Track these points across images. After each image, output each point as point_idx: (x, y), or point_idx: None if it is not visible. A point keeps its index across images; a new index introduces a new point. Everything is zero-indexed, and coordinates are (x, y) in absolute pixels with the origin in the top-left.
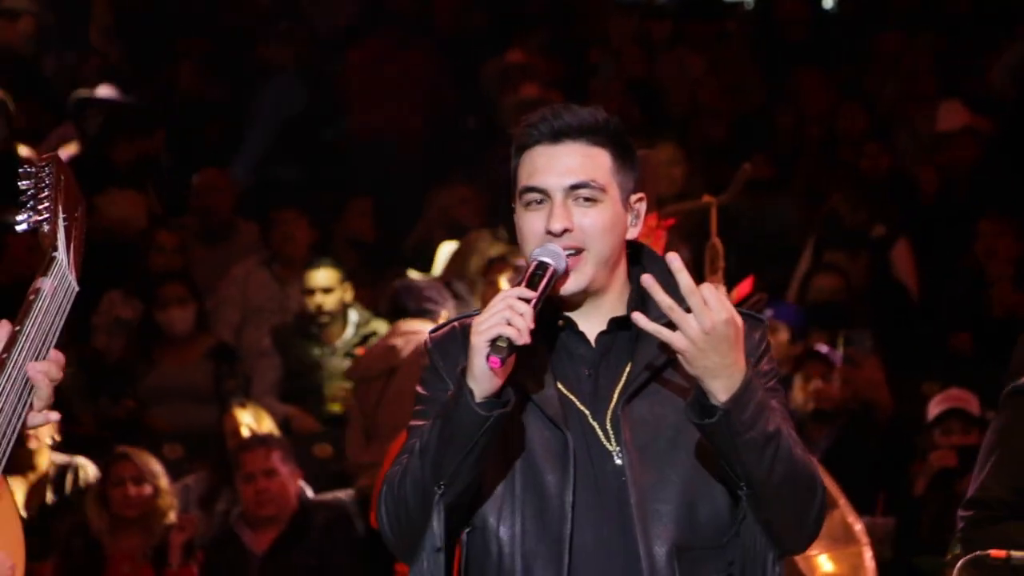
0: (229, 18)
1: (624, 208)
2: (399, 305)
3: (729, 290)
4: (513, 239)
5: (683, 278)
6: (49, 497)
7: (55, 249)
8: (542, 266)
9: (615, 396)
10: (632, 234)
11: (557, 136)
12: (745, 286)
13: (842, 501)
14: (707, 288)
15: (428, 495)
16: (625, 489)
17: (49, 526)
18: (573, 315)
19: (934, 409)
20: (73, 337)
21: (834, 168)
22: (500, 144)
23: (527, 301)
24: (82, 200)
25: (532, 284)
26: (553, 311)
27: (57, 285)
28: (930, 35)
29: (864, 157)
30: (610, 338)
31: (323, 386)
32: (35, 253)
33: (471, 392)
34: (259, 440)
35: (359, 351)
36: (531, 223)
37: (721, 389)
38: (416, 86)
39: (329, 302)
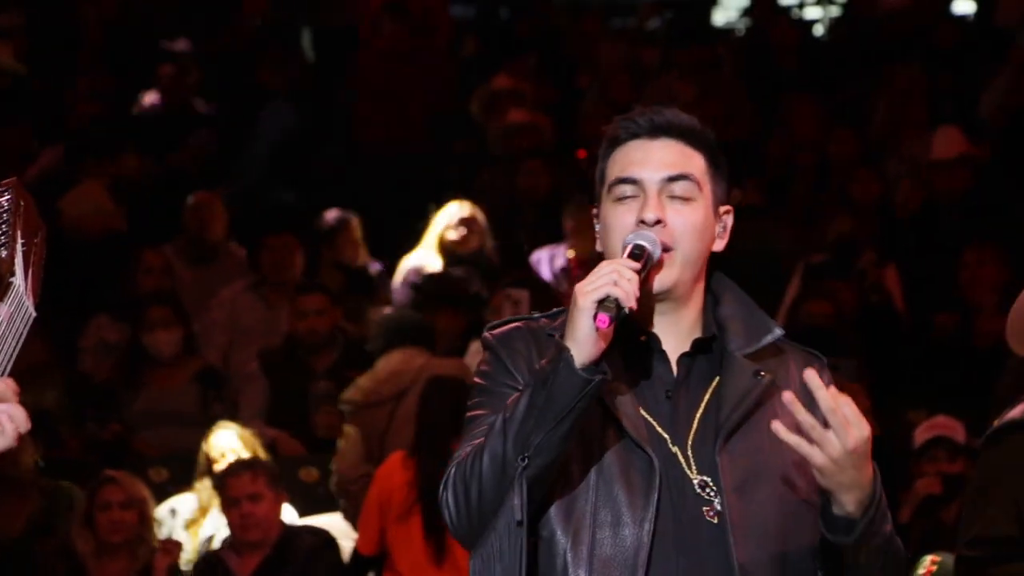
0: (222, 41)
1: (714, 215)
2: (397, 333)
3: None
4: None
5: (822, 395)
6: (34, 520)
7: (12, 275)
8: (639, 247)
9: (695, 422)
10: (719, 246)
11: (655, 131)
12: None
13: None
14: (845, 403)
15: (509, 469)
16: (719, 530)
17: (33, 549)
18: (655, 331)
19: (920, 437)
20: (60, 360)
21: (825, 195)
22: (488, 168)
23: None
24: (42, 226)
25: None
26: (630, 328)
27: (13, 311)
28: (920, 63)
29: (855, 184)
30: (690, 360)
31: (310, 410)
32: None
33: (570, 356)
34: (245, 464)
35: (352, 375)
36: (621, 216)
37: (852, 502)
38: (412, 109)
39: (321, 325)
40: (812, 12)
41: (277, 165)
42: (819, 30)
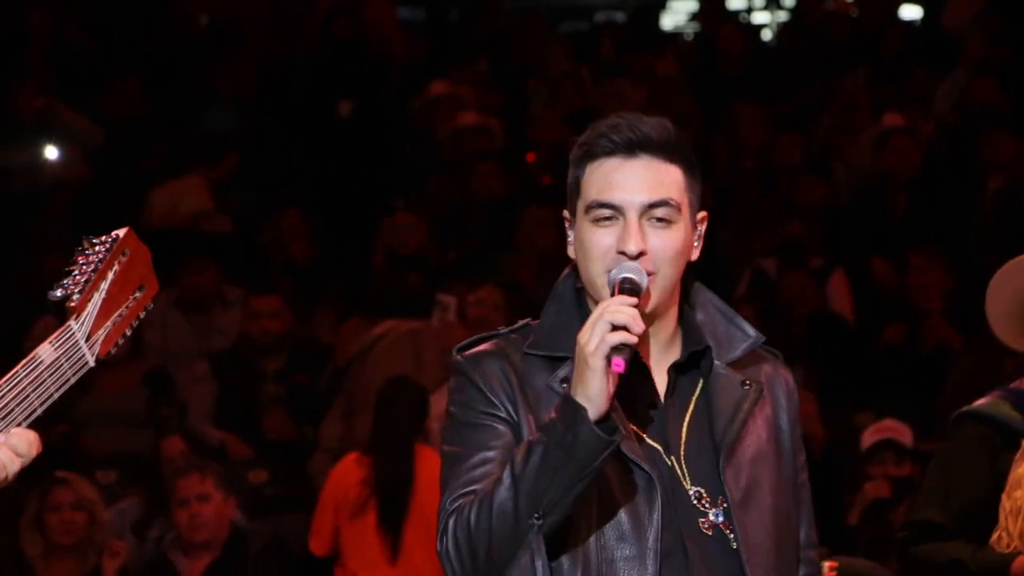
0: (166, 42)
1: (692, 227)
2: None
3: None
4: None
5: None
6: None
7: (76, 319)
8: (629, 282)
9: (684, 432)
10: (695, 255)
11: (633, 149)
12: None
13: None
14: None
15: (521, 526)
16: (721, 544)
17: None
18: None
19: (867, 440)
20: (4, 361)
21: (771, 199)
22: (438, 171)
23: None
24: (152, 281)
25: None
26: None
27: (61, 356)
28: (866, 68)
29: (800, 189)
30: (674, 371)
31: (259, 413)
32: None
33: (587, 415)
34: (193, 465)
35: (302, 379)
36: (599, 239)
37: None
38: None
39: (274, 327)
40: (760, 17)
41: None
42: (767, 35)
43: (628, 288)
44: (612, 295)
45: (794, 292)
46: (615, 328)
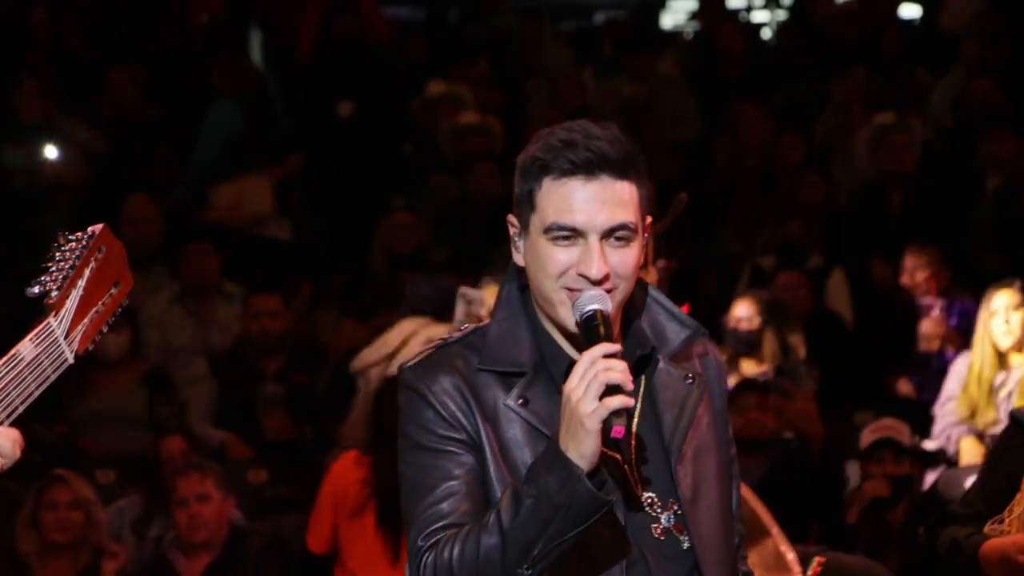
0: (167, 42)
1: (643, 237)
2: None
3: None
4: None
5: None
6: None
7: (55, 316)
8: (596, 313)
9: (633, 438)
10: (641, 258)
11: (592, 169)
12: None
13: (775, 530)
14: None
15: (508, 574)
16: (674, 545)
17: None
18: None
19: (866, 439)
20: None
21: (771, 198)
22: (438, 171)
23: (613, 355)
24: (128, 278)
25: (598, 335)
26: (562, 355)
27: (41, 353)
28: (865, 68)
29: (801, 187)
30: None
31: (259, 413)
32: None
33: (582, 474)
34: (193, 465)
35: (301, 379)
36: (557, 256)
37: None
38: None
39: (274, 327)
40: (760, 16)
41: (223, 167)
42: (767, 34)
43: (597, 323)
44: (580, 328)
45: (789, 292)
46: (609, 388)
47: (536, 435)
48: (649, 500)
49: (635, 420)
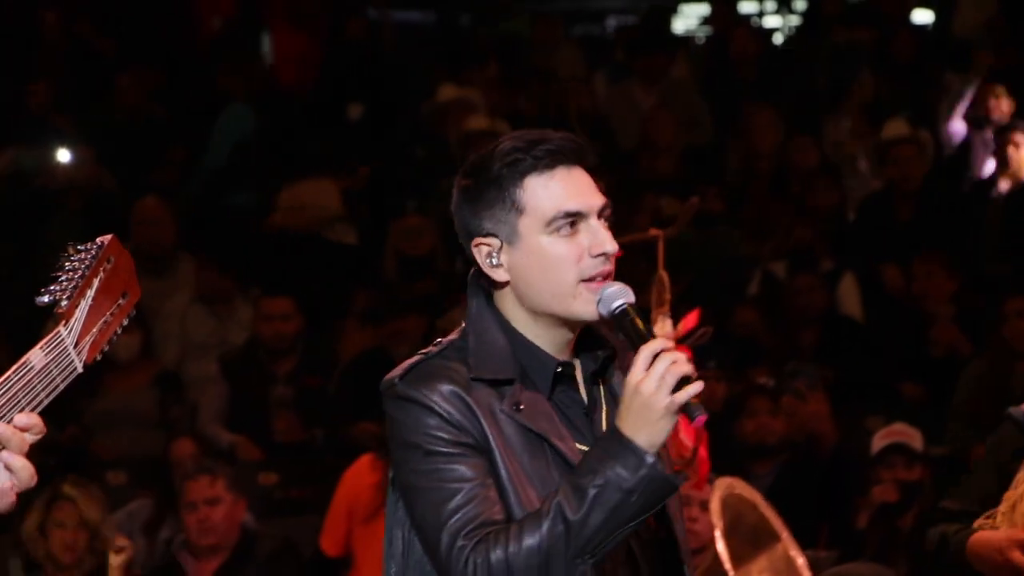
0: (180, 45)
1: None
2: None
3: (675, 323)
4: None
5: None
6: None
7: (65, 326)
8: (629, 308)
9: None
10: None
11: (571, 158)
12: (691, 319)
13: (785, 534)
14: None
15: (569, 568)
16: (650, 532)
17: None
18: (567, 359)
19: (877, 444)
20: (14, 362)
21: (783, 202)
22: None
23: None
24: (134, 288)
25: (637, 328)
26: (540, 361)
27: (50, 362)
28: (876, 73)
29: (813, 192)
30: (593, 379)
31: (269, 415)
32: None
33: (658, 462)
34: (204, 468)
35: (312, 382)
36: (568, 249)
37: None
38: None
39: (286, 329)
40: (772, 21)
41: (235, 169)
42: (778, 39)
43: (632, 317)
44: (615, 322)
45: (803, 296)
46: (681, 381)
47: (532, 439)
48: None
49: (604, 419)
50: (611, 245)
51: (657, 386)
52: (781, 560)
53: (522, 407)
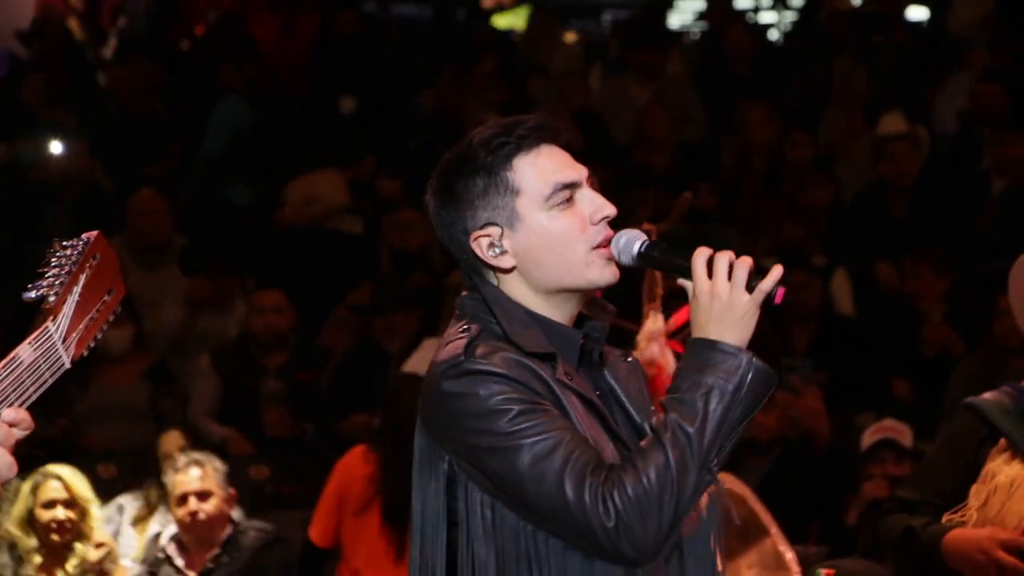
0: (177, 38)
1: None
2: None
3: (667, 318)
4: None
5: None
6: None
7: (53, 321)
8: (650, 242)
9: (619, 418)
10: None
11: (552, 136)
12: (683, 314)
13: (774, 530)
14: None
15: (702, 477)
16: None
17: None
18: (585, 328)
19: (867, 440)
20: (5, 354)
21: (777, 199)
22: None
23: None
24: (119, 286)
25: (674, 253)
26: (563, 337)
27: (39, 357)
28: (871, 69)
29: (807, 188)
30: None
31: (260, 409)
32: None
33: (752, 356)
34: (194, 461)
35: (303, 376)
36: (571, 220)
37: None
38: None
39: (278, 323)
40: (767, 17)
41: (230, 161)
42: (774, 35)
43: (658, 247)
44: (646, 260)
45: (795, 292)
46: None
47: (587, 405)
48: None
49: (613, 400)
50: (610, 208)
51: (732, 286)
52: (770, 555)
53: (572, 376)
